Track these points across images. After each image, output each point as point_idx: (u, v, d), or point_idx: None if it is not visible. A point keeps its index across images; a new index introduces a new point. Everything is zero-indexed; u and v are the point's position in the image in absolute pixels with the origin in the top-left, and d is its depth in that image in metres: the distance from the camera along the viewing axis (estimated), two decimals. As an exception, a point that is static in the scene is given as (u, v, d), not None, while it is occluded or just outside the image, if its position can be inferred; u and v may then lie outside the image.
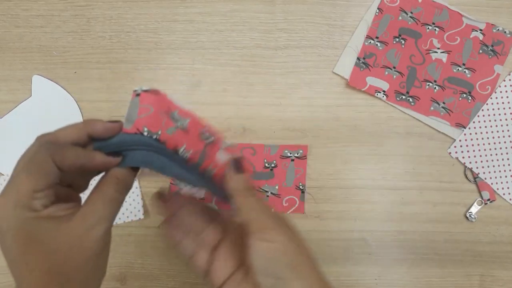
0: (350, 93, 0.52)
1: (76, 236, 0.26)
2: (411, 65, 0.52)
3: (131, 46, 0.52)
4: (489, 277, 0.50)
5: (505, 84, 0.52)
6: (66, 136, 0.28)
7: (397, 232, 0.50)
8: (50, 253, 0.25)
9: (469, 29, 0.52)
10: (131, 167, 0.29)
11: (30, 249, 0.25)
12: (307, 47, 0.52)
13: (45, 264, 0.25)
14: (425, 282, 0.50)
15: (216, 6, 0.53)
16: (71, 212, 0.27)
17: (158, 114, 0.29)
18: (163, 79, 0.52)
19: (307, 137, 0.51)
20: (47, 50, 0.52)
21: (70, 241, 0.25)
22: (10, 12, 0.53)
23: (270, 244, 0.29)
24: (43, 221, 0.26)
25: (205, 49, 0.52)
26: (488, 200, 0.50)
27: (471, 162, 0.51)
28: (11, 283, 0.50)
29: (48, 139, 0.27)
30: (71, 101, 0.51)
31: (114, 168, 0.28)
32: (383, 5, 0.52)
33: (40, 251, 0.25)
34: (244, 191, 0.32)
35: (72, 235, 0.26)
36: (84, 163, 0.27)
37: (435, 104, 0.51)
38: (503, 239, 0.50)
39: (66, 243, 0.25)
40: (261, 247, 0.29)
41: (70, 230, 0.26)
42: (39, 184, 0.25)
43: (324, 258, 0.50)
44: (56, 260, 0.25)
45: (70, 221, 0.26)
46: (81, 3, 0.53)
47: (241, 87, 0.52)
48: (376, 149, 0.51)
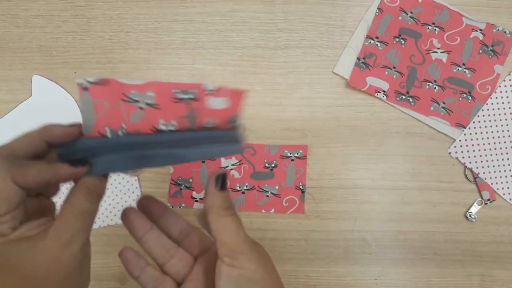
0: (350, 93, 0.52)
1: (52, 257, 0.24)
2: (411, 65, 0.52)
3: (131, 46, 0.52)
4: (489, 277, 0.50)
5: (505, 84, 0.52)
6: (23, 147, 0.25)
7: (397, 232, 0.50)
8: (26, 278, 0.23)
9: (469, 29, 0.52)
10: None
11: (3, 277, 0.23)
12: (307, 47, 0.52)
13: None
14: (425, 282, 0.50)
15: (216, 6, 0.53)
16: (44, 229, 0.24)
17: (115, 106, 0.25)
18: (163, 79, 0.52)
19: (307, 137, 0.51)
20: (47, 50, 0.52)
21: (46, 262, 0.24)
22: (10, 12, 0.53)
23: (239, 271, 0.27)
24: (14, 245, 0.24)
25: (205, 49, 0.52)
26: (488, 200, 0.50)
27: (471, 162, 0.51)
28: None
29: (4, 155, 0.24)
30: (71, 101, 0.51)
31: (83, 178, 0.25)
32: (383, 5, 0.52)
33: (15, 277, 0.23)
34: (221, 210, 0.29)
35: (48, 256, 0.24)
36: (48, 178, 0.25)
37: (435, 104, 0.51)
38: (503, 239, 0.50)
39: (42, 264, 0.24)
40: (230, 273, 0.27)
41: (45, 250, 0.24)
42: (2, 209, 0.24)
43: (324, 258, 0.50)
44: (34, 284, 0.23)
45: (44, 239, 0.24)
46: (81, 3, 0.53)
47: (241, 87, 0.52)
48: (376, 149, 0.51)
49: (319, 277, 0.50)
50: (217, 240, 0.28)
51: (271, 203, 0.50)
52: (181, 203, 0.51)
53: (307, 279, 0.50)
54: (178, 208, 0.51)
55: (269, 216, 0.50)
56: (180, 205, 0.51)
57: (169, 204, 0.51)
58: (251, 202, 0.50)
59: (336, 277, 0.49)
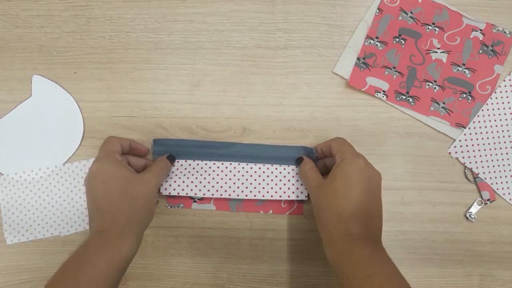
0: (350, 93, 0.52)
1: (149, 186, 0.43)
2: (411, 65, 0.52)
3: (131, 46, 0.52)
4: (489, 277, 0.50)
5: (505, 84, 0.52)
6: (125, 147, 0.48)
7: (397, 232, 0.50)
8: (133, 198, 0.42)
9: (469, 29, 0.52)
10: (169, 159, 0.48)
11: (120, 197, 0.41)
12: (307, 47, 0.52)
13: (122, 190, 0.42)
14: (425, 282, 0.50)
15: (216, 6, 0.53)
16: (144, 172, 0.45)
17: None
18: (163, 79, 0.52)
19: (307, 137, 0.51)
20: (47, 50, 0.52)
21: (145, 190, 0.43)
22: (10, 12, 0.53)
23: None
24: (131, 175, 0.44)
25: (205, 49, 0.52)
26: (488, 200, 0.50)
27: (471, 162, 0.51)
28: (11, 283, 0.50)
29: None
30: (71, 101, 0.51)
31: (163, 157, 0.48)
32: (383, 5, 0.52)
33: (126, 197, 0.42)
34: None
35: (146, 186, 0.43)
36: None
37: (435, 104, 0.51)
38: (503, 239, 0.50)
39: (143, 191, 0.43)
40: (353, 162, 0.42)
41: (146, 182, 0.43)
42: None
43: (324, 258, 0.49)
44: (137, 202, 0.42)
45: (145, 175, 0.44)
46: (81, 3, 0.53)
47: (241, 87, 0.52)
48: (376, 149, 0.51)
49: (319, 277, 0.50)
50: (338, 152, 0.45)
51: (270, 204, 0.50)
52: (179, 203, 0.51)
53: (307, 279, 0.50)
54: (176, 209, 0.51)
55: (269, 216, 0.50)
56: (179, 205, 0.51)
57: (168, 205, 0.51)
58: (250, 203, 0.50)
59: (336, 277, 0.49)
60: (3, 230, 0.50)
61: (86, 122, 0.51)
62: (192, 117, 0.51)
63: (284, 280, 0.50)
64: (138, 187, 0.42)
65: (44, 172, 0.50)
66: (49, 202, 0.50)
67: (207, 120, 0.51)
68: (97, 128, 0.51)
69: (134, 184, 0.42)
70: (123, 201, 0.41)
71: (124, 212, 0.41)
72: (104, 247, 0.39)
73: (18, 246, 0.50)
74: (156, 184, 0.45)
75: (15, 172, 0.50)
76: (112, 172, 0.42)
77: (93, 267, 0.37)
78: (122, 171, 0.43)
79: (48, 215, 0.50)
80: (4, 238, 0.50)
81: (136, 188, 0.42)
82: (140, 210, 0.42)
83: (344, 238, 0.40)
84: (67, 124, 0.51)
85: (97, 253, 0.38)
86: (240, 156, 0.49)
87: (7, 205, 0.50)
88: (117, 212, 0.41)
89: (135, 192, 0.42)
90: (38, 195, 0.50)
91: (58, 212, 0.50)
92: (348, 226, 0.40)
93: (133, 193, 0.42)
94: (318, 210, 0.43)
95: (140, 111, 0.51)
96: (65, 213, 0.50)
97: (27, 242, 0.50)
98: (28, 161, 0.51)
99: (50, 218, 0.50)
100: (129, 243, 0.40)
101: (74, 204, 0.50)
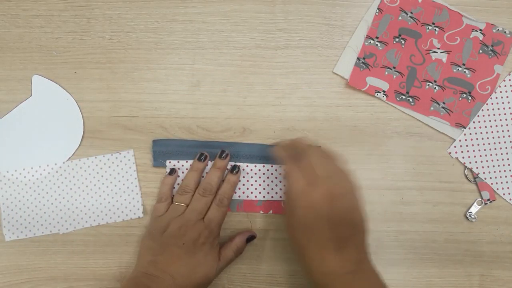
0: (350, 93, 0.52)
1: (215, 263, 0.45)
2: (411, 65, 0.52)
3: (131, 46, 0.52)
4: (489, 277, 0.50)
5: (505, 84, 0.52)
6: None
7: (397, 232, 0.50)
8: (204, 275, 0.44)
9: (469, 29, 0.52)
10: (246, 242, 0.48)
11: (194, 272, 0.43)
12: (307, 47, 0.52)
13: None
14: (425, 282, 0.50)
15: (216, 6, 0.53)
16: (220, 249, 0.46)
17: None
18: (163, 79, 0.52)
19: (307, 137, 0.51)
20: (47, 50, 0.52)
21: (215, 265, 0.45)
22: (10, 12, 0.53)
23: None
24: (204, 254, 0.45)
25: (205, 49, 0.52)
26: (488, 200, 0.50)
27: (471, 162, 0.51)
28: (11, 283, 0.50)
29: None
30: (71, 101, 0.51)
31: (238, 240, 0.47)
32: (383, 5, 0.52)
33: (199, 273, 0.44)
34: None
35: (215, 262, 0.45)
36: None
37: (435, 104, 0.51)
38: (503, 239, 0.50)
39: (213, 266, 0.45)
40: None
41: (216, 259, 0.45)
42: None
43: (324, 258, 0.50)
44: (205, 274, 0.44)
45: (217, 254, 0.45)
46: (81, 3, 0.53)
47: (241, 87, 0.52)
48: (376, 149, 0.51)
49: (319, 277, 0.50)
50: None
51: (270, 204, 0.50)
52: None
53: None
54: (178, 208, 0.51)
55: (269, 216, 0.50)
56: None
57: (169, 204, 0.51)
58: (250, 203, 0.50)
59: (336, 277, 0.49)
60: (2, 227, 0.50)
61: (86, 122, 0.51)
62: (192, 117, 0.51)
63: (284, 280, 0.50)
64: (204, 270, 0.44)
65: (43, 169, 0.50)
66: (48, 200, 0.50)
67: (207, 120, 0.51)
68: (97, 128, 0.51)
69: (204, 270, 0.44)
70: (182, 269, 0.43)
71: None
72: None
73: (18, 246, 0.50)
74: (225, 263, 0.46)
75: (15, 170, 0.50)
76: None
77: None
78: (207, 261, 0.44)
79: (47, 213, 0.50)
80: (3, 234, 0.50)
81: (201, 271, 0.44)
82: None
83: (320, 276, 0.38)
84: (67, 124, 0.51)
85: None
86: (240, 156, 0.49)
87: (6, 201, 0.50)
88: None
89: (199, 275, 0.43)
90: (37, 192, 0.50)
91: (57, 209, 0.50)
92: (318, 264, 0.38)
93: (197, 277, 0.43)
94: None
95: (140, 111, 0.51)
96: (64, 211, 0.50)
97: (27, 242, 0.50)
98: (28, 161, 0.51)
99: (49, 216, 0.50)
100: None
101: (73, 202, 0.50)
